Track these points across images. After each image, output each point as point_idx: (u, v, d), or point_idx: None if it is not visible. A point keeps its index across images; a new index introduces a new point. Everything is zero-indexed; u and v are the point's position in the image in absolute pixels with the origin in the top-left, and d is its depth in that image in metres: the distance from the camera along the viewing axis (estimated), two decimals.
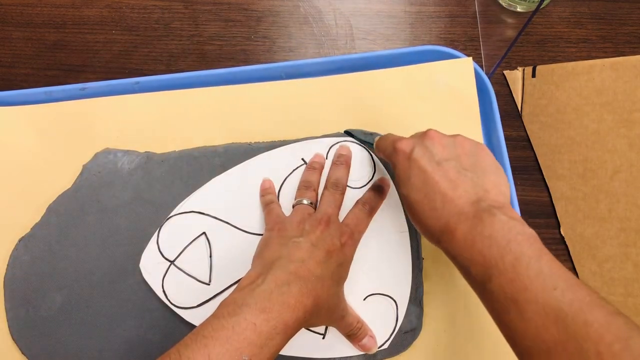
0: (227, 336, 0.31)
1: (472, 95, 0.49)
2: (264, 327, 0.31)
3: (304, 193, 0.44)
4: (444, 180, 0.34)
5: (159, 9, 0.58)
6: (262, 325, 0.31)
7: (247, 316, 0.32)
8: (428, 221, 0.34)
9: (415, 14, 0.58)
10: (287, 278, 0.34)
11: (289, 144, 0.48)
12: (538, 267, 0.28)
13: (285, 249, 0.37)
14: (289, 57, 0.57)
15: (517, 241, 0.30)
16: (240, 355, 0.30)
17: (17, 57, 0.57)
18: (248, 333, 0.31)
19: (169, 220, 0.46)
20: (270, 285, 0.33)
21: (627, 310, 0.45)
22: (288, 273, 0.34)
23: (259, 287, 0.33)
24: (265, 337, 0.31)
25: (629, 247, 0.45)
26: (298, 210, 0.42)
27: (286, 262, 0.35)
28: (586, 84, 0.48)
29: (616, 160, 0.46)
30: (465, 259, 0.31)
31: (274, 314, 0.32)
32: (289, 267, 0.35)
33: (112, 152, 0.48)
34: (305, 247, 0.37)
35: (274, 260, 0.36)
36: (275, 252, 0.37)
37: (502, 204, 0.33)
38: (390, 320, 0.43)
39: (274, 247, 0.38)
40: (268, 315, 0.32)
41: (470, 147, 0.36)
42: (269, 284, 0.34)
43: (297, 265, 0.35)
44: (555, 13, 0.57)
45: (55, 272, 0.45)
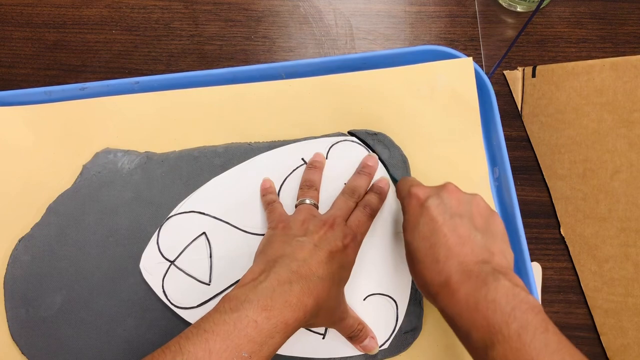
0: (228, 331, 0.31)
1: (472, 95, 0.49)
2: (265, 325, 0.31)
3: (306, 192, 0.44)
4: (453, 234, 0.34)
5: (159, 9, 0.58)
6: (264, 323, 0.31)
7: (249, 313, 0.32)
8: (428, 273, 0.34)
9: (415, 14, 0.58)
10: (290, 277, 0.34)
11: (289, 144, 0.48)
12: (545, 339, 0.28)
13: (288, 247, 0.37)
14: (289, 57, 0.57)
15: (521, 309, 0.29)
16: (240, 352, 0.30)
17: (17, 57, 0.57)
18: (249, 330, 0.31)
19: (169, 220, 0.46)
20: (272, 283, 0.33)
21: (627, 310, 0.45)
22: (290, 272, 0.34)
23: (262, 284, 0.33)
24: (265, 335, 0.31)
25: (629, 247, 0.45)
26: (301, 210, 0.42)
27: (289, 260, 0.35)
28: (586, 84, 0.48)
29: (616, 160, 0.46)
30: (467, 322, 0.31)
31: (276, 312, 0.32)
32: (291, 266, 0.35)
33: (112, 152, 0.48)
34: (308, 247, 0.37)
35: (277, 258, 0.36)
36: (278, 250, 0.37)
37: (506, 269, 0.33)
38: (390, 320, 0.43)
39: (277, 244, 0.38)
40: (269, 313, 0.32)
41: (485, 209, 0.36)
42: (271, 281, 0.34)
43: (299, 264, 0.35)
44: (555, 13, 0.57)
45: (55, 272, 0.45)
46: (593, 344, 0.47)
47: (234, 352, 0.30)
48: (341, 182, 0.46)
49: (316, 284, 0.35)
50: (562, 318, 0.47)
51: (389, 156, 0.47)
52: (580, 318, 0.47)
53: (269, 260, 0.36)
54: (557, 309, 0.48)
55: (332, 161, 0.47)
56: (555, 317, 0.47)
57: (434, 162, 0.48)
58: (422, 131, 0.48)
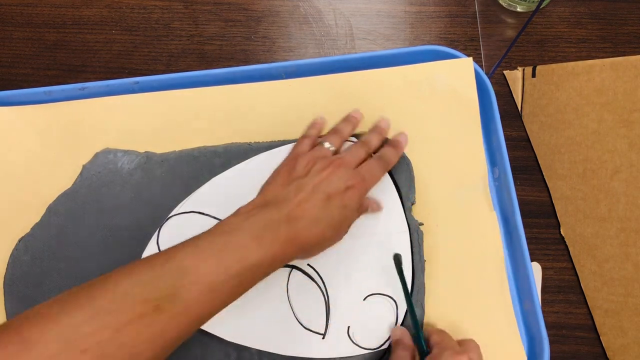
0: (218, 250, 0.32)
1: (472, 95, 0.49)
2: (254, 252, 0.33)
3: (329, 137, 0.44)
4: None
5: (159, 9, 0.58)
6: (253, 249, 0.33)
7: (240, 238, 0.33)
8: None
9: (415, 14, 0.58)
10: (280, 218, 0.35)
11: (289, 144, 0.48)
12: None
13: (285, 190, 0.38)
14: (289, 57, 0.57)
15: None
16: (227, 270, 0.32)
17: (17, 57, 0.57)
18: (239, 252, 0.33)
19: (169, 220, 0.46)
20: (263, 219, 0.35)
21: (627, 310, 0.45)
22: (281, 214, 0.36)
23: (254, 217, 0.35)
24: (253, 260, 0.33)
25: (629, 247, 0.45)
26: (316, 150, 0.42)
27: (283, 203, 0.37)
28: (586, 84, 0.48)
29: (616, 160, 0.46)
30: None
31: (265, 243, 0.34)
32: (283, 209, 0.36)
33: (112, 152, 0.48)
34: (306, 190, 0.37)
35: (272, 198, 0.37)
36: (275, 191, 0.39)
37: None
38: (390, 321, 0.43)
39: (276, 185, 0.39)
40: (259, 242, 0.34)
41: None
42: (262, 217, 0.35)
43: (291, 208, 0.36)
44: (555, 13, 0.57)
45: (55, 272, 0.45)
46: (593, 344, 0.47)
47: (222, 269, 0.32)
48: None
49: (308, 226, 0.36)
50: (562, 318, 0.48)
51: None
52: (580, 318, 0.47)
53: (265, 199, 0.38)
54: (557, 309, 0.48)
55: None
56: (555, 317, 0.47)
57: (434, 162, 0.48)
58: (422, 131, 0.48)
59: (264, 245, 0.34)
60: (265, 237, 0.34)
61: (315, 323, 0.43)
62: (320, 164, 0.40)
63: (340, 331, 0.43)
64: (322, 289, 0.44)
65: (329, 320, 0.43)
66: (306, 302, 0.43)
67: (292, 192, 0.38)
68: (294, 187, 0.38)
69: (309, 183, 0.38)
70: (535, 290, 0.43)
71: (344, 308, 0.43)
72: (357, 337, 0.42)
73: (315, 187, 0.38)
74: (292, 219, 0.36)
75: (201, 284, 0.31)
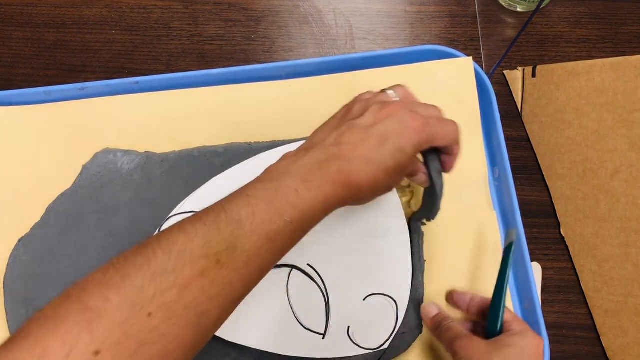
0: (270, 197, 0.31)
1: (472, 95, 0.49)
2: (306, 194, 0.31)
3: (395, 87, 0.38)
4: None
5: (159, 9, 0.58)
6: (304, 192, 0.31)
7: (289, 182, 0.31)
8: None
9: (415, 14, 0.58)
10: (328, 157, 0.33)
11: (289, 143, 0.48)
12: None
13: (335, 131, 0.35)
14: (289, 57, 0.57)
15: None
16: (282, 216, 0.30)
17: (17, 57, 0.57)
18: (290, 197, 0.31)
19: (169, 220, 0.46)
20: (311, 160, 0.33)
21: (627, 310, 0.45)
22: (330, 153, 0.33)
23: (301, 160, 0.33)
24: (307, 203, 0.31)
25: (629, 247, 0.45)
26: (377, 94, 0.38)
27: (331, 144, 0.34)
28: (586, 84, 0.48)
29: (616, 160, 0.46)
30: None
31: (315, 184, 0.32)
32: (331, 149, 0.33)
33: (112, 152, 0.48)
34: (359, 131, 0.34)
35: (320, 140, 0.35)
36: (323, 134, 0.35)
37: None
38: (390, 320, 0.43)
39: (326, 129, 0.36)
40: (309, 184, 0.32)
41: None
42: (310, 159, 0.33)
43: (342, 147, 0.33)
44: (555, 13, 0.57)
45: (55, 272, 0.45)
46: (593, 344, 0.47)
47: (277, 216, 0.30)
48: None
49: (359, 167, 0.33)
50: (562, 318, 0.47)
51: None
52: (580, 318, 0.47)
53: (313, 142, 0.35)
54: (557, 309, 0.48)
55: None
56: (555, 317, 0.47)
57: None
58: None
59: (314, 188, 0.31)
60: (314, 178, 0.32)
61: (315, 323, 0.43)
62: (377, 105, 0.35)
63: (340, 331, 0.43)
64: (322, 288, 0.44)
65: (329, 320, 0.43)
66: (306, 302, 0.43)
67: (343, 133, 0.34)
68: (346, 128, 0.34)
69: (362, 123, 0.34)
70: (535, 290, 0.43)
71: (344, 308, 0.43)
72: (357, 337, 0.42)
73: (369, 127, 0.34)
74: (341, 158, 0.33)
75: (258, 233, 0.30)
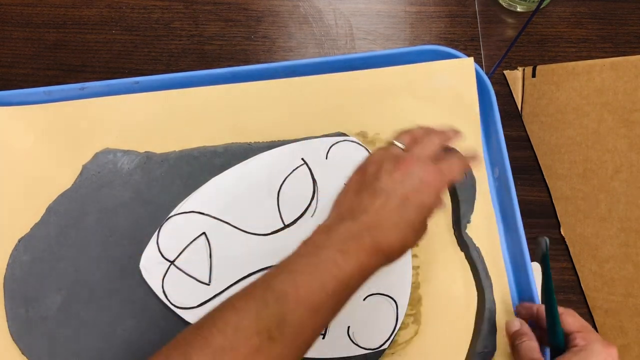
0: (311, 271, 0.32)
1: (472, 95, 0.48)
2: (345, 265, 0.32)
3: (400, 136, 0.40)
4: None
5: (159, 9, 0.58)
6: (343, 263, 0.32)
7: (328, 255, 0.33)
8: None
9: (415, 14, 0.58)
10: (360, 229, 0.34)
11: (289, 143, 0.48)
12: None
13: (358, 198, 0.36)
14: (289, 57, 0.57)
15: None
16: (324, 288, 0.32)
17: (17, 57, 0.57)
18: (331, 268, 0.32)
19: (169, 220, 0.46)
20: (344, 234, 0.34)
21: (627, 310, 0.45)
22: (361, 224, 0.34)
23: (335, 233, 0.34)
24: (346, 273, 0.32)
25: (629, 247, 0.45)
26: (383, 149, 0.39)
27: (360, 213, 0.35)
28: (586, 84, 0.48)
29: (616, 160, 0.46)
30: None
31: (352, 256, 0.33)
32: (361, 219, 0.35)
33: (112, 152, 0.48)
34: (380, 195, 0.35)
35: (348, 210, 0.36)
36: (349, 202, 0.37)
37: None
38: (390, 320, 0.43)
39: (350, 195, 0.37)
40: (346, 256, 0.33)
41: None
42: (343, 232, 0.34)
43: (370, 217, 0.35)
44: (555, 13, 0.57)
45: (55, 272, 0.45)
46: None
47: (320, 288, 0.32)
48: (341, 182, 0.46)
49: (388, 233, 0.34)
50: None
51: None
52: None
53: (340, 212, 0.36)
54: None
55: (332, 161, 0.47)
56: None
57: None
58: None
59: (351, 258, 0.33)
60: (350, 250, 0.33)
61: None
62: (389, 164, 0.37)
63: (340, 331, 0.43)
64: None
65: None
66: None
67: (366, 199, 0.36)
68: (368, 194, 0.36)
69: (382, 187, 0.36)
70: (535, 290, 0.43)
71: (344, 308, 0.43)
72: (357, 337, 0.42)
73: (390, 191, 0.35)
74: (372, 228, 0.34)
75: (304, 306, 0.31)
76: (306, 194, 0.46)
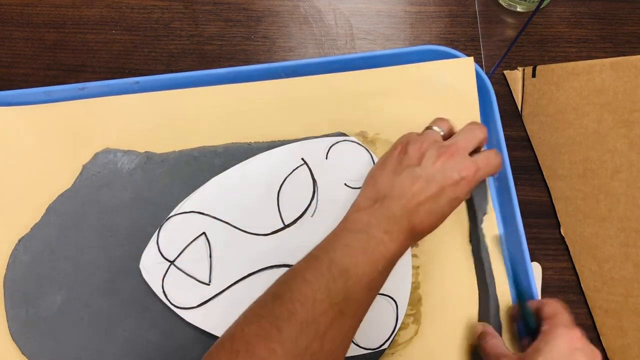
0: (364, 248, 0.34)
1: (472, 95, 0.49)
2: (391, 245, 0.35)
3: (438, 122, 0.42)
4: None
5: (159, 9, 0.58)
6: (389, 243, 0.35)
7: (377, 233, 0.35)
8: None
9: (415, 14, 0.58)
10: (399, 211, 0.36)
11: (289, 143, 0.48)
12: None
13: (398, 179, 0.37)
14: (289, 57, 0.57)
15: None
16: (377, 267, 0.34)
17: (17, 57, 0.57)
18: (380, 248, 0.34)
19: (169, 220, 0.46)
20: (387, 213, 0.36)
21: (627, 310, 0.45)
22: (400, 206, 0.36)
23: (379, 211, 0.36)
24: (392, 253, 0.35)
25: (629, 247, 0.45)
26: (427, 134, 0.40)
27: (398, 195, 0.37)
28: (586, 84, 0.48)
29: (616, 160, 0.46)
30: None
31: (394, 236, 0.35)
32: (401, 201, 0.36)
33: (112, 152, 0.48)
34: (420, 181, 0.37)
35: (387, 190, 0.37)
36: (388, 182, 0.38)
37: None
38: (390, 320, 0.43)
39: (387, 175, 0.39)
40: (391, 236, 0.35)
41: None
42: (385, 211, 0.36)
43: (408, 200, 0.36)
44: (555, 13, 0.57)
45: (55, 272, 0.45)
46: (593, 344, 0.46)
47: (373, 267, 0.34)
48: (341, 182, 0.46)
49: (423, 218, 0.36)
50: None
51: None
52: (580, 318, 0.47)
53: (379, 191, 0.38)
54: None
55: (332, 161, 0.47)
56: None
57: None
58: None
59: (395, 239, 0.35)
60: (393, 231, 0.35)
61: None
62: (433, 150, 0.38)
63: None
64: None
65: None
66: None
67: (407, 182, 0.37)
68: (408, 177, 0.37)
69: (423, 173, 0.37)
70: (535, 290, 0.43)
71: None
72: (357, 337, 0.42)
73: (429, 178, 0.37)
74: (410, 212, 0.36)
75: (363, 284, 0.33)
76: (306, 194, 0.46)
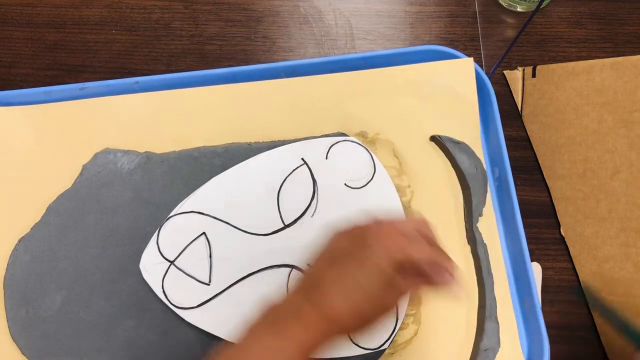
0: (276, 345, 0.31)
1: (472, 95, 0.49)
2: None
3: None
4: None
5: (159, 9, 0.58)
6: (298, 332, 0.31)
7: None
8: None
9: (415, 14, 0.58)
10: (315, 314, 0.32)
11: (289, 143, 0.48)
12: None
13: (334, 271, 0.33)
14: (289, 57, 0.57)
15: None
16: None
17: (17, 57, 0.57)
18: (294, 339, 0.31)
19: (169, 220, 0.46)
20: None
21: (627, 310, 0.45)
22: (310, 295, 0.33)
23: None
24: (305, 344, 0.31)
25: (629, 247, 0.45)
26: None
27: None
28: (586, 84, 0.48)
29: (616, 160, 0.46)
30: None
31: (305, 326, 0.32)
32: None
33: (112, 152, 0.48)
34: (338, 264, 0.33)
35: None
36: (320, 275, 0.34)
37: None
38: (390, 321, 0.43)
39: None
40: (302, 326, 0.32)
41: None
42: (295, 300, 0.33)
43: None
44: (555, 13, 0.57)
45: (55, 272, 0.45)
46: (593, 344, 0.47)
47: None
48: (341, 182, 0.46)
49: (337, 301, 0.32)
50: (562, 318, 0.47)
51: (468, 165, 0.47)
52: (580, 318, 0.47)
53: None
54: (557, 309, 0.48)
55: (332, 161, 0.47)
56: (555, 317, 0.47)
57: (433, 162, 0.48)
58: (422, 131, 0.48)
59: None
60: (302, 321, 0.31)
61: None
62: (351, 233, 0.34)
63: None
64: None
65: None
66: None
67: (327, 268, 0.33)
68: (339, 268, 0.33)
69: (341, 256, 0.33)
70: (535, 290, 0.43)
71: None
72: (357, 337, 0.42)
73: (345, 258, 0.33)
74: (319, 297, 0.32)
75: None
76: (306, 194, 0.46)
